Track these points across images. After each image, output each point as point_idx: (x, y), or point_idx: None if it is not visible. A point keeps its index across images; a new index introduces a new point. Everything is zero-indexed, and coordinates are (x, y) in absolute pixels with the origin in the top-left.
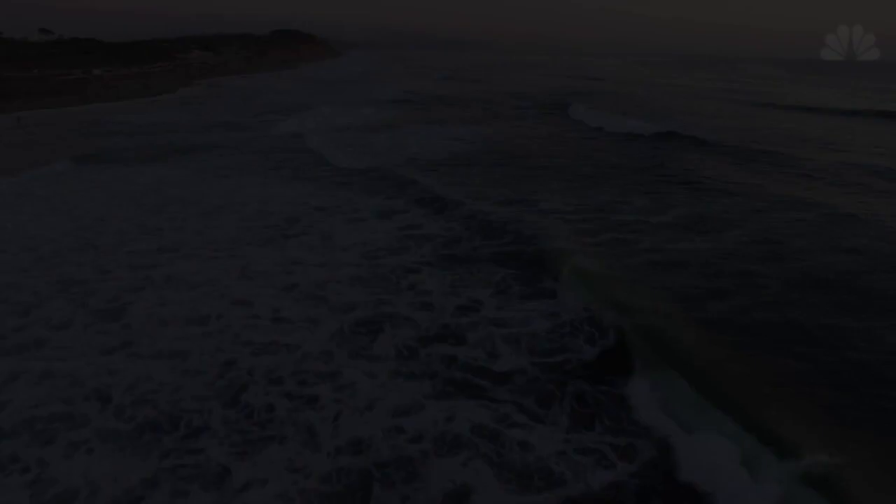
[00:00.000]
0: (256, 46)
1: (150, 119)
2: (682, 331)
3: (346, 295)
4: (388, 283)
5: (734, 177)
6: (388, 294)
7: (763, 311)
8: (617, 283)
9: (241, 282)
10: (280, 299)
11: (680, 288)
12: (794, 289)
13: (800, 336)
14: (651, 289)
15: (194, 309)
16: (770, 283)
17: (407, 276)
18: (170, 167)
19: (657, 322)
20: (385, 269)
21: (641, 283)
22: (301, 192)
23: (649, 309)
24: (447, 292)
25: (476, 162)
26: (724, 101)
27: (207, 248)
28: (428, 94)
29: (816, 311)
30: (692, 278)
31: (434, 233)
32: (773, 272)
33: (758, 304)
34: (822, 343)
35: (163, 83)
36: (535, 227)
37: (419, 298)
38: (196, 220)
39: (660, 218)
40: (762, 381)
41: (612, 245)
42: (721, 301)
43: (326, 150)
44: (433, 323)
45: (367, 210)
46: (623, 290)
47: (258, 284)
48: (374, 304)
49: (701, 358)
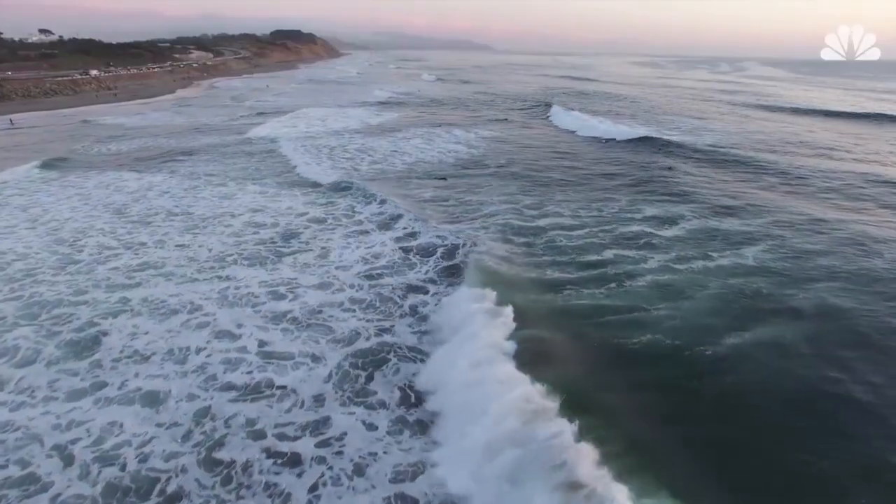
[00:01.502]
0: (256, 47)
1: (144, 122)
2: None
3: (346, 323)
4: (390, 303)
5: (700, 182)
6: (389, 320)
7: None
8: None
9: (225, 307)
10: (268, 331)
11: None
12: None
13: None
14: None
15: (173, 341)
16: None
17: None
18: (158, 174)
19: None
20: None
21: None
22: (294, 204)
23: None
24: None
25: (442, 171)
26: (716, 103)
27: (191, 266)
28: (415, 96)
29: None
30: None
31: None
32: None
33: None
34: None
35: (161, 84)
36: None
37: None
38: (181, 233)
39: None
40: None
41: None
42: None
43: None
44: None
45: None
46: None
47: (245, 311)
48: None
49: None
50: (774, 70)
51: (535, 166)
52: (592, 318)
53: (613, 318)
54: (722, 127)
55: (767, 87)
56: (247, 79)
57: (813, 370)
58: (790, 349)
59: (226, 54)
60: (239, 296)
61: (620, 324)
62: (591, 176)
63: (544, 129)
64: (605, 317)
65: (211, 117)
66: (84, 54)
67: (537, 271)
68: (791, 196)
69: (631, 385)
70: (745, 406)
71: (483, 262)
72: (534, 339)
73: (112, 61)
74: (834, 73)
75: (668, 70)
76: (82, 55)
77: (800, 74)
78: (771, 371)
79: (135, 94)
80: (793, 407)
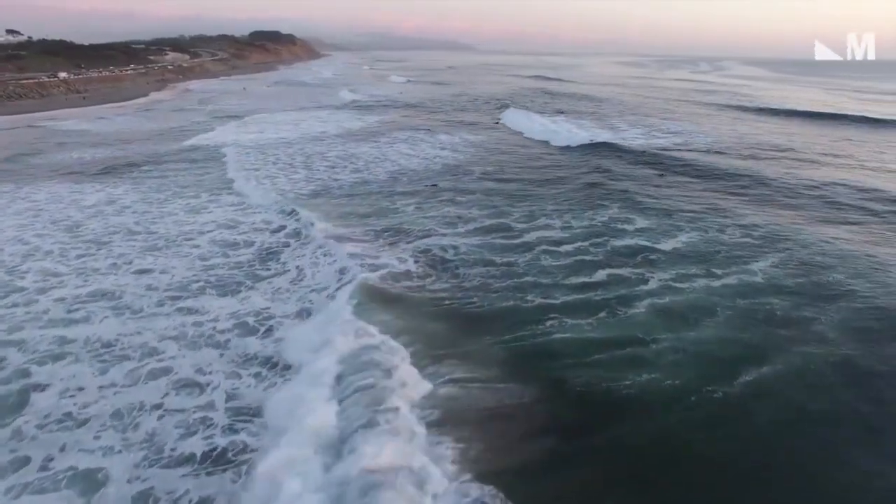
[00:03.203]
0: (235, 48)
1: (109, 127)
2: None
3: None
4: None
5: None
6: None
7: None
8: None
9: (188, 349)
10: (238, 378)
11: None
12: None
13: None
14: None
15: (121, 397)
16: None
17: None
18: (120, 185)
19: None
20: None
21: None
22: (266, 218)
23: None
24: None
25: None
26: (687, 103)
27: (150, 296)
28: (380, 98)
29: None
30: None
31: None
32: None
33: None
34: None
35: (134, 87)
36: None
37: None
38: (141, 255)
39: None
40: None
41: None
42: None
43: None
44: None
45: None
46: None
47: (211, 352)
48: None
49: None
50: (755, 69)
51: (472, 179)
52: (574, 358)
53: (602, 355)
54: (684, 128)
55: (743, 88)
56: (224, 81)
57: (850, 409)
58: (818, 383)
59: (203, 56)
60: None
61: (610, 362)
62: (538, 182)
63: (497, 133)
64: (592, 354)
65: (185, 122)
66: (53, 56)
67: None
68: (775, 205)
69: (619, 448)
70: (768, 466)
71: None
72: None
73: (83, 63)
74: (815, 73)
75: (650, 69)
76: (51, 56)
77: (782, 74)
78: (798, 413)
79: (106, 98)
80: (831, 463)
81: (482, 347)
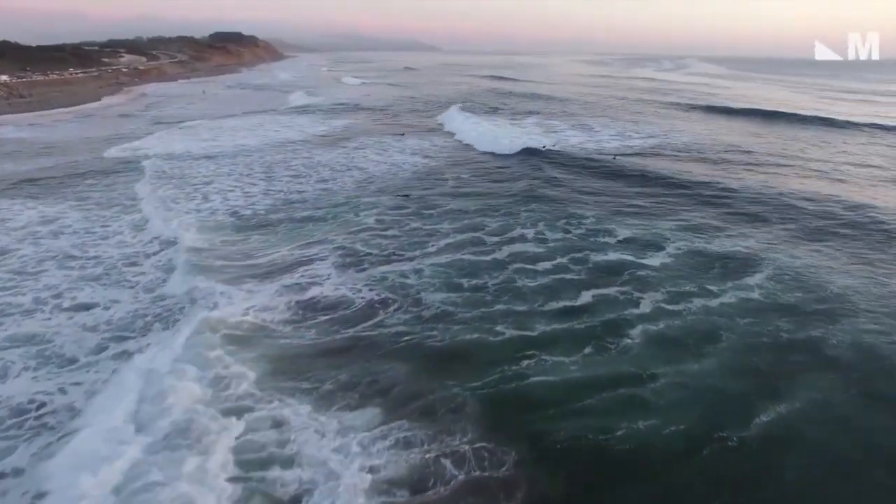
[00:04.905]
0: (195, 50)
1: (52, 135)
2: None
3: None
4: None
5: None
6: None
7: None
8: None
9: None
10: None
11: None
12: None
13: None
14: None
15: None
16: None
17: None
18: (63, 200)
19: None
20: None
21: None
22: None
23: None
24: None
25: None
26: (639, 102)
27: (88, 339)
28: (329, 100)
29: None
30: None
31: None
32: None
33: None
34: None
35: (85, 92)
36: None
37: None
38: (78, 287)
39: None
40: None
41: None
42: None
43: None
44: None
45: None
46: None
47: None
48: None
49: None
50: (716, 67)
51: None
52: (556, 406)
53: (591, 400)
54: (625, 128)
55: (700, 87)
56: (183, 84)
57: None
58: (848, 423)
59: (161, 58)
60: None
61: (601, 408)
62: (478, 193)
63: (437, 138)
64: (578, 400)
65: (135, 128)
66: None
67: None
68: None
69: None
70: None
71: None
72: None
73: (29, 66)
74: (768, 71)
75: (613, 68)
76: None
77: (739, 71)
78: (834, 464)
79: (52, 103)
80: None
81: (446, 397)
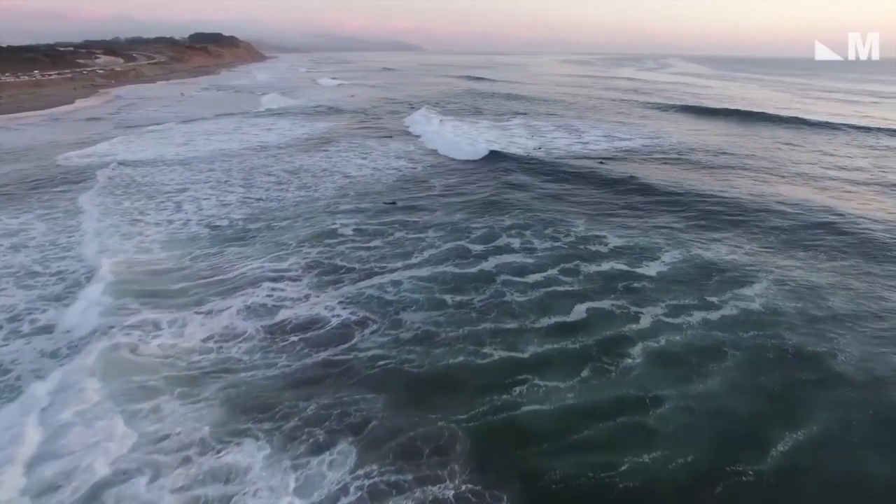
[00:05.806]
0: (174, 51)
1: (18, 140)
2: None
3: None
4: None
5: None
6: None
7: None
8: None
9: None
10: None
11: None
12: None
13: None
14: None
15: None
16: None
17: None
18: (27, 212)
19: None
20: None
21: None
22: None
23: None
24: None
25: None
26: (614, 102)
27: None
28: (305, 103)
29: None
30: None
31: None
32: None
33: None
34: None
35: (59, 94)
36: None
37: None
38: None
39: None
40: None
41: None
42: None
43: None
44: None
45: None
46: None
47: None
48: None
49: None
50: (698, 67)
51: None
52: (552, 439)
53: (590, 431)
54: (610, 131)
55: (677, 86)
56: (161, 86)
57: None
58: (873, 449)
59: (139, 59)
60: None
61: (601, 440)
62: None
63: (404, 142)
64: (576, 431)
65: (106, 132)
66: None
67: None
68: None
69: None
70: None
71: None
72: None
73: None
74: (747, 70)
75: (595, 67)
76: None
77: (723, 70)
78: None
79: (21, 105)
80: None
81: (428, 433)
